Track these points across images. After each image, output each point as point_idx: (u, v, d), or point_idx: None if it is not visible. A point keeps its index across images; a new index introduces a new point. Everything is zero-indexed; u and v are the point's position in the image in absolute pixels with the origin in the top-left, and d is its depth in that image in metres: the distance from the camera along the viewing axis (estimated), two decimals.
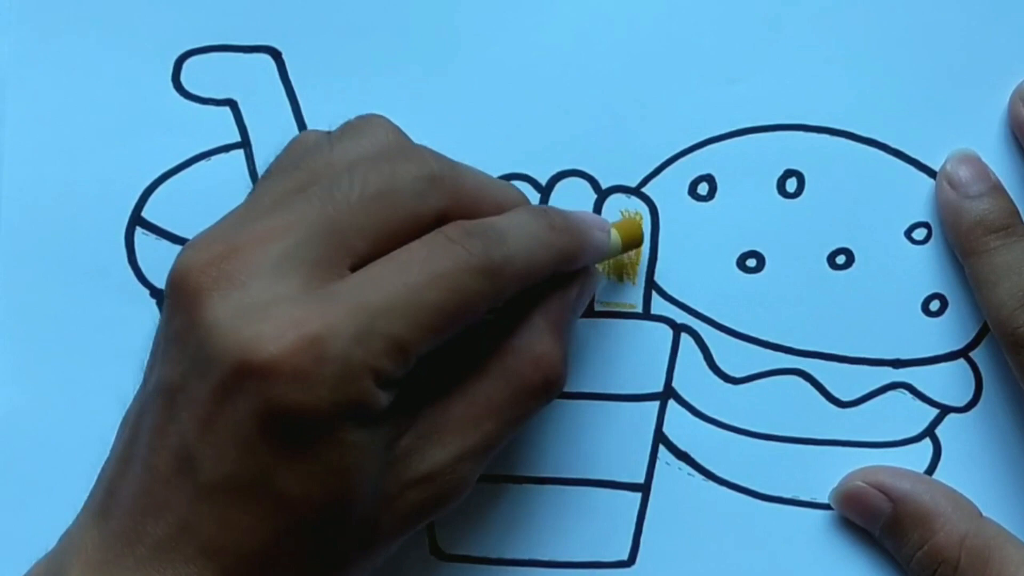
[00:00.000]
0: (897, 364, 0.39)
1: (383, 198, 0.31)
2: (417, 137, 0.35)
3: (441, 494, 0.32)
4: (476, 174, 0.34)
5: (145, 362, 0.33)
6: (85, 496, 0.33)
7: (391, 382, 0.30)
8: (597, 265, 0.37)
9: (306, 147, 0.34)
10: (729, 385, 0.39)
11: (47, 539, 0.35)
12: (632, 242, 0.37)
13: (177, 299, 0.31)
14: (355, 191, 0.31)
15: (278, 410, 0.29)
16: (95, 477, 0.33)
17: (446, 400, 0.33)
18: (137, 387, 0.33)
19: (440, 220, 0.32)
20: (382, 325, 0.29)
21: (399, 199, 0.31)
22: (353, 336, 0.29)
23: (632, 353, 0.39)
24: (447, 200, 0.32)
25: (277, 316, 0.29)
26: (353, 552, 0.31)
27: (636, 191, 0.39)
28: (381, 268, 0.31)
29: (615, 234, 0.37)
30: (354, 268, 0.31)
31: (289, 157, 0.34)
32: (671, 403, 0.39)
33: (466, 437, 0.32)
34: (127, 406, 0.33)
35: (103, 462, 0.33)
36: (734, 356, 0.39)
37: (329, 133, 0.34)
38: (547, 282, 0.34)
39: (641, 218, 0.39)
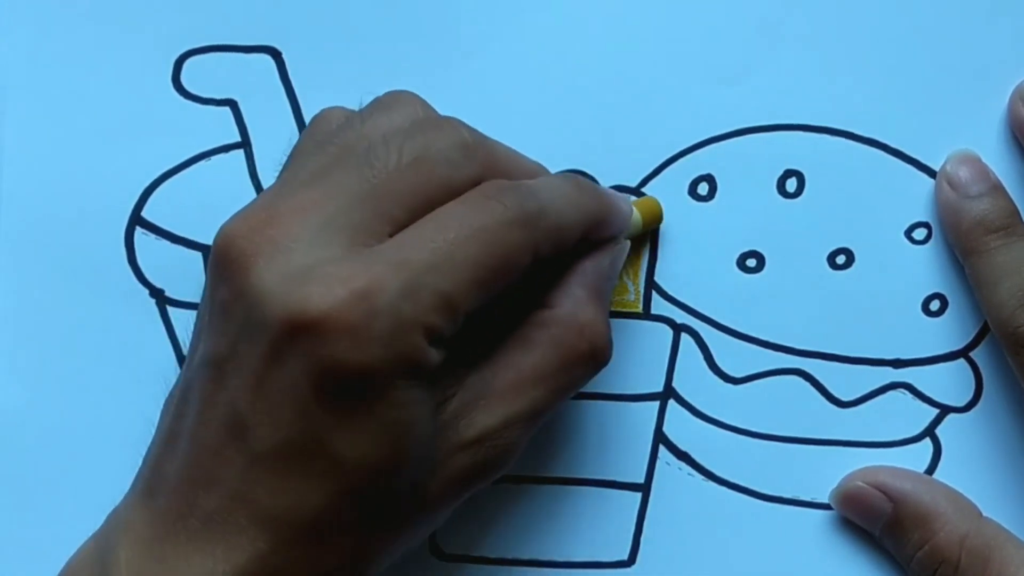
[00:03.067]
0: (897, 364, 0.39)
1: (419, 166, 0.32)
2: None
3: (489, 459, 0.32)
4: (507, 148, 0.35)
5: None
6: (85, 495, 0.33)
7: (440, 339, 0.30)
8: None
9: (335, 123, 0.34)
10: (729, 385, 0.39)
11: (47, 538, 0.35)
12: (652, 219, 0.38)
13: (222, 268, 0.31)
14: (392, 160, 0.32)
15: (332, 368, 0.29)
16: (95, 477, 0.33)
17: (491, 368, 0.33)
18: (136, 386, 0.33)
19: (474, 187, 0.33)
20: (428, 280, 0.30)
21: (435, 167, 0.32)
22: (401, 291, 0.29)
23: (632, 353, 0.39)
24: (480, 168, 0.33)
25: (324, 275, 0.29)
26: (404, 518, 0.31)
27: (636, 191, 0.39)
28: (421, 228, 0.31)
29: (636, 211, 0.37)
30: (393, 235, 0.31)
31: (319, 134, 0.35)
32: (671, 403, 0.39)
33: (513, 404, 0.32)
34: (126, 407, 0.33)
35: (147, 445, 0.33)
36: (734, 356, 0.39)
37: (358, 111, 0.35)
38: (580, 254, 0.35)
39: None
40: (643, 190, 0.39)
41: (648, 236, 0.39)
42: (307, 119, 0.39)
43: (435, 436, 0.31)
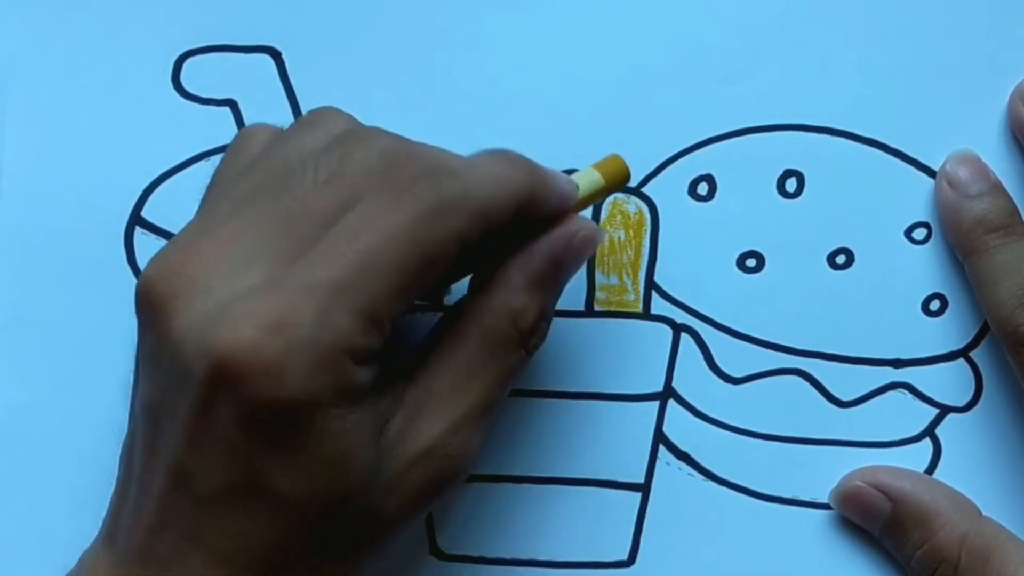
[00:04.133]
0: (897, 364, 0.39)
1: (337, 181, 0.30)
2: (416, 137, 0.35)
3: (443, 468, 0.31)
4: (432, 147, 0.32)
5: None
6: (85, 495, 0.33)
7: (368, 355, 0.29)
8: (600, 228, 0.36)
9: (257, 145, 0.34)
10: (729, 385, 0.39)
11: (47, 538, 0.35)
12: (617, 179, 0.36)
13: (144, 315, 0.30)
14: (308, 179, 0.30)
15: (258, 408, 0.28)
16: (94, 477, 0.33)
17: (428, 372, 0.32)
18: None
19: None
20: (342, 300, 0.29)
21: (354, 179, 0.30)
22: (315, 318, 0.28)
23: (632, 353, 0.39)
24: (405, 175, 0.31)
25: (235, 314, 0.28)
26: (361, 543, 0.31)
27: (636, 191, 0.39)
28: (329, 241, 0.29)
29: (593, 174, 0.35)
30: None
31: (240, 157, 0.34)
32: (671, 403, 0.39)
33: (456, 405, 0.31)
34: (126, 407, 0.33)
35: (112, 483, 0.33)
36: (734, 356, 0.39)
37: (281, 130, 0.34)
38: (532, 237, 0.33)
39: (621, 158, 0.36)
40: (643, 190, 0.39)
41: (648, 236, 0.39)
42: None
43: (382, 459, 0.30)
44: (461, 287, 0.35)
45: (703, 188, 0.39)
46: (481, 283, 0.33)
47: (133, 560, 0.30)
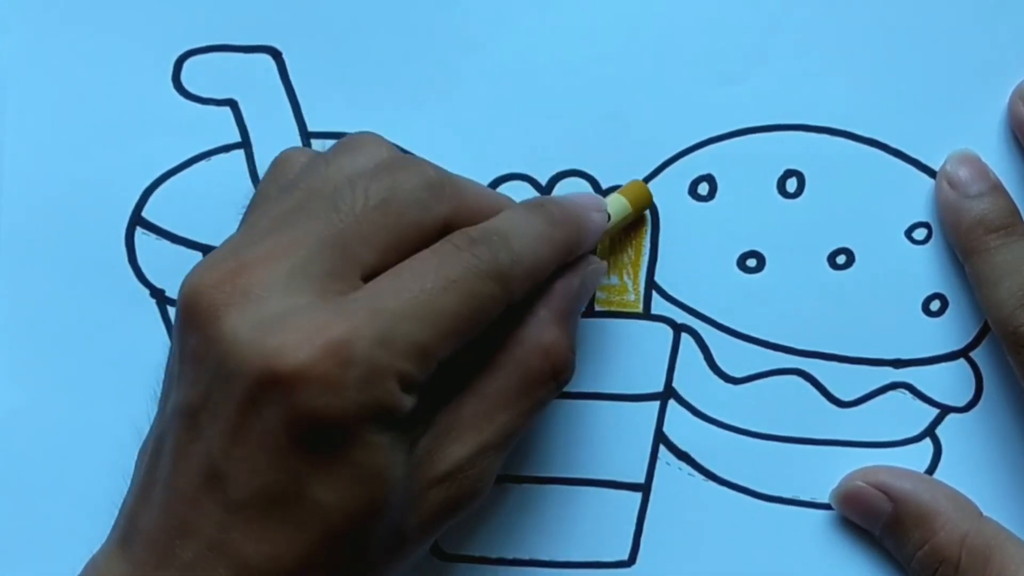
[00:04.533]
0: (897, 364, 0.39)
1: (387, 207, 0.32)
2: (417, 137, 0.35)
3: (463, 491, 0.32)
4: (473, 183, 0.35)
5: (159, 391, 0.33)
6: (84, 495, 0.33)
7: (414, 386, 0.30)
8: (601, 260, 0.37)
9: (298, 166, 0.34)
10: (729, 385, 0.39)
11: (47, 539, 0.35)
12: (642, 203, 0.38)
13: (191, 318, 0.30)
14: (359, 203, 0.31)
15: (308, 417, 0.29)
16: (94, 477, 0.33)
17: (459, 398, 0.33)
18: (135, 386, 0.33)
19: (444, 227, 0.32)
20: (403, 329, 0.30)
21: (402, 208, 0.32)
22: (376, 339, 0.29)
23: (632, 353, 0.39)
24: (448, 207, 0.33)
25: (298, 325, 0.29)
26: (382, 560, 0.31)
27: None
28: (396, 276, 0.31)
29: (622, 202, 0.37)
30: (365, 279, 0.31)
31: (282, 177, 0.34)
32: (671, 403, 0.39)
33: (482, 432, 0.32)
34: (126, 407, 0.33)
35: (124, 493, 0.33)
36: (734, 356, 0.39)
37: (321, 152, 0.34)
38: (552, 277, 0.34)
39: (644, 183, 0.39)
40: None
41: (648, 236, 0.39)
42: (307, 119, 0.39)
43: (409, 476, 0.31)
44: None
45: (703, 188, 0.39)
46: (507, 317, 0.34)
47: (152, 567, 0.30)
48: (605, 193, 0.39)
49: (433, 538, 0.33)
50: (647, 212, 0.39)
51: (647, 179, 0.39)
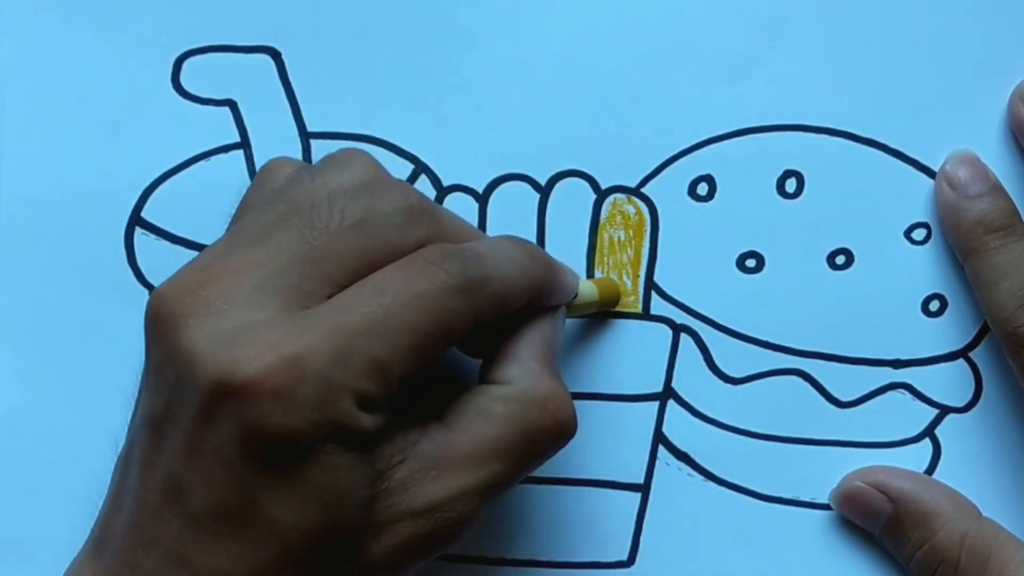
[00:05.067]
0: (897, 364, 0.39)
1: (362, 228, 0.31)
2: (417, 137, 0.35)
3: (439, 530, 0.31)
4: (453, 214, 0.34)
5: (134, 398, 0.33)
6: (84, 495, 0.33)
7: (374, 405, 0.30)
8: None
9: (284, 178, 0.34)
10: (729, 385, 0.39)
11: (46, 538, 0.35)
12: (610, 299, 0.39)
13: (155, 329, 0.30)
14: (335, 220, 0.31)
15: (259, 432, 0.29)
16: (94, 477, 0.33)
17: (447, 436, 0.32)
18: (135, 386, 0.33)
19: None
20: (361, 345, 0.29)
21: (378, 229, 0.31)
22: (331, 356, 0.29)
23: (632, 353, 0.39)
24: (426, 232, 0.32)
25: (254, 339, 0.29)
26: None
27: (636, 191, 0.39)
28: (357, 291, 0.30)
29: (590, 285, 0.37)
30: (332, 298, 0.31)
31: (267, 187, 0.34)
32: (671, 403, 0.39)
33: (469, 475, 0.31)
34: (126, 407, 0.33)
35: (103, 496, 0.33)
36: (734, 356, 0.39)
37: (308, 165, 0.34)
38: (522, 318, 0.34)
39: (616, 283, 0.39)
40: (643, 190, 0.39)
41: (648, 237, 0.39)
42: (307, 119, 0.39)
43: (376, 502, 0.30)
44: None
45: (703, 188, 0.39)
46: (494, 362, 0.34)
47: (118, 572, 0.30)
48: (605, 193, 0.39)
49: (402, 572, 0.32)
50: (647, 213, 0.39)
51: (647, 179, 0.39)
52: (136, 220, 0.39)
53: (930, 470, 0.39)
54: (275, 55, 0.39)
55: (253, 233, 0.32)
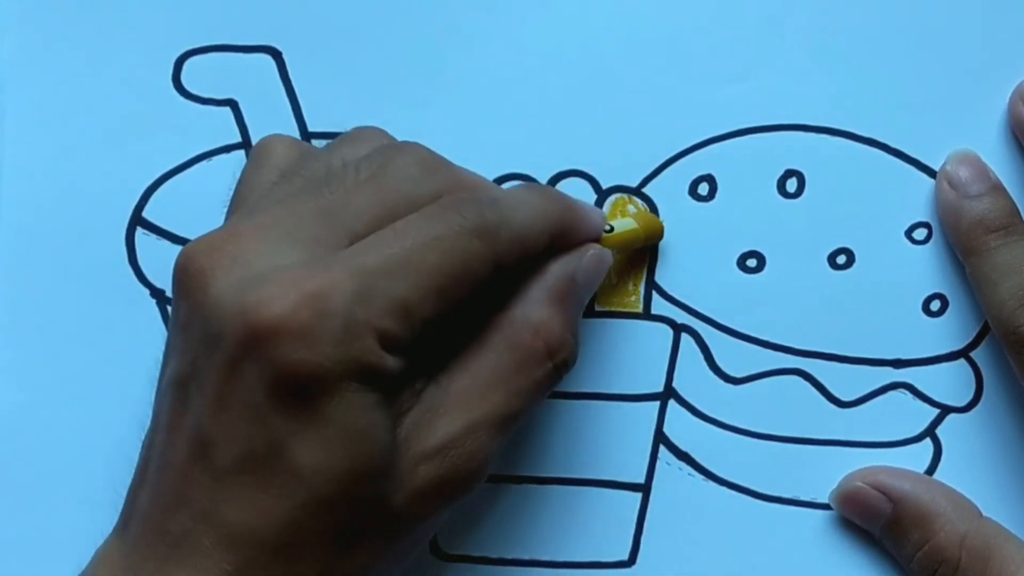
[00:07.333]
0: (897, 364, 0.39)
1: (379, 181, 0.32)
2: (416, 137, 0.35)
3: (454, 470, 0.31)
4: (469, 171, 0.35)
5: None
6: (84, 495, 0.33)
7: (396, 345, 0.30)
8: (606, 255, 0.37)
9: (281, 152, 0.35)
10: (729, 385, 0.39)
11: (47, 538, 0.34)
12: (653, 231, 0.38)
13: (181, 285, 0.31)
14: (349, 178, 0.32)
15: (285, 371, 0.29)
16: (94, 477, 0.33)
17: (448, 375, 0.32)
18: (136, 386, 0.33)
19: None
20: (383, 285, 0.30)
21: (394, 182, 0.32)
22: (354, 294, 0.29)
23: (632, 353, 0.39)
24: (441, 184, 0.33)
25: (277, 279, 0.29)
26: (370, 535, 0.31)
27: (636, 191, 0.39)
28: (379, 236, 0.31)
29: (628, 220, 0.37)
30: None
31: (266, 166, 0.35)
32: (671, 403, 0.39)
33: (472, 408, 0.32)
34: (126, 407, 0.33)
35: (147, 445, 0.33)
36: (734, 356, 0.39)
37: (307, 144, 0.35)
38: (548, 260, 0.34)
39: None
40: (643, 190, 0.39)
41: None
42: (307, 119, 0.39)
43: (396, 447, 0.31)
44: None
45: (703, 188, 0.39)
46: (502, 298, 0.34)
47: (145, 544, 0.30)
48: (605, 193, 0.39)
49: (428, 521, 0.32)
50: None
51: (647, 179, 0.39)
52: (137, 220, 0.39)
53: (931, 470, 0.39)
54: (276, 55, 0.39)
55: (275, 200, 0.32)
